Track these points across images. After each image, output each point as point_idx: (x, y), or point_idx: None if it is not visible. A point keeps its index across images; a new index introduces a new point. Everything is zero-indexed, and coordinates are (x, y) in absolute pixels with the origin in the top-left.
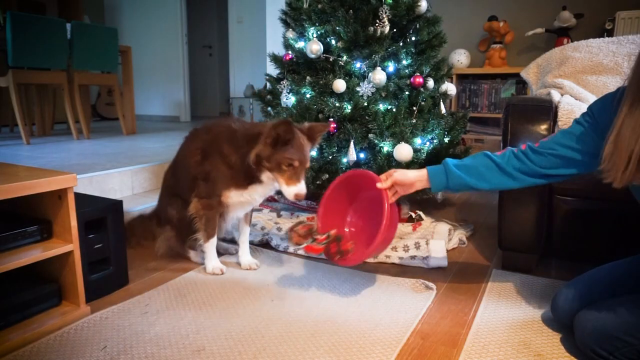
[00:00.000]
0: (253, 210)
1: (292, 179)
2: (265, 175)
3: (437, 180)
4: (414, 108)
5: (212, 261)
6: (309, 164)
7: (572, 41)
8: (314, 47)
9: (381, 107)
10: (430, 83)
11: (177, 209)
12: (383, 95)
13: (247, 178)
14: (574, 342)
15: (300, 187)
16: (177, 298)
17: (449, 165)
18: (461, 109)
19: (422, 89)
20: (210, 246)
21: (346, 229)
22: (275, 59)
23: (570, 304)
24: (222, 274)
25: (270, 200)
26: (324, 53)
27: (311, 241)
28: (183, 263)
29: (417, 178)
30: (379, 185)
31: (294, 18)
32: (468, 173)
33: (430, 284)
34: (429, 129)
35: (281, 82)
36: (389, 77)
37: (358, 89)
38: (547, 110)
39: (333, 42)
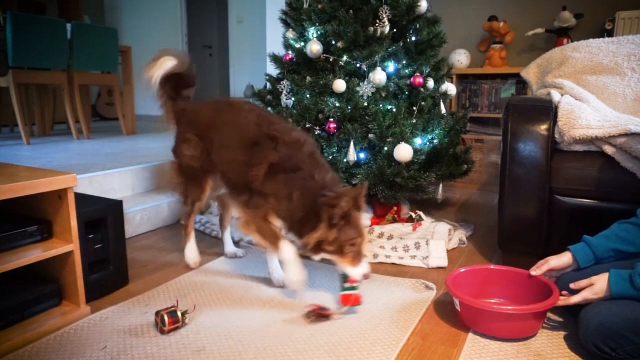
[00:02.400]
0: None
1: (356, 258)
2: (318, 256)
3: (583, 254)
4: (414, 108)
5: (294, 270)
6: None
7: (572, 41)
8: (314, 47)
9: (381, 107)
10: (430, 83)
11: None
12: (383, 95)
13: (294, 229)
14: (574, 342)
15: (366, 266)
16: (177, 298)
17: (588, 239)
18: (461, 109)
19: (422, 89)
20: (288, 253)
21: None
22: (275, 59)
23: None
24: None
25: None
26: (324, 53)
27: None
28: (183, 263)
29: (567, 259)
30: (533, 273)
31: (294, 18)
32: (608, 239)
33: (430, 284)
34: (429, 129)
35: (281, 82)
36: (389, 77)
37: (358, 89)
38: (547, 110)
39: (333, 42)
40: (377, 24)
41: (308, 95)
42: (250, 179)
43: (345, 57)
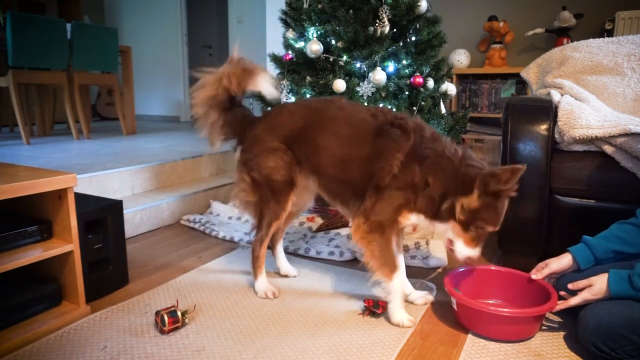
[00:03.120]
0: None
1: (474, 241)
2: (443, 224)
3: (583, 256)
4: (414, 108)
5: (399, 311)
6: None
7: (572, 41)
8: (314, 47)
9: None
10: (430, 83)
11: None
12: (383, 95)
13: (431, 211)
14: (573, 342)
15: (477, 253)
16: (177, 298)
17: (587, 240)
18: (461, 109)
19: (422, 89)
20: (397, 286)
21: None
22: (275, 59)
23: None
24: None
25: None
26: (324, 53)
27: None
28: (183, 263)
29: (568, 261)
30: (534, 276)
31: (294, 18)
32: (608, 240)
33: (430, 284)
34: None
35: (281, 82)
36: (389, 77)
37: (358, 89)
38: (547, 110)
39: (333, 42)
40: (377, 24)
41: (308, 95)
42: (379, 175)
43: (345, 57)
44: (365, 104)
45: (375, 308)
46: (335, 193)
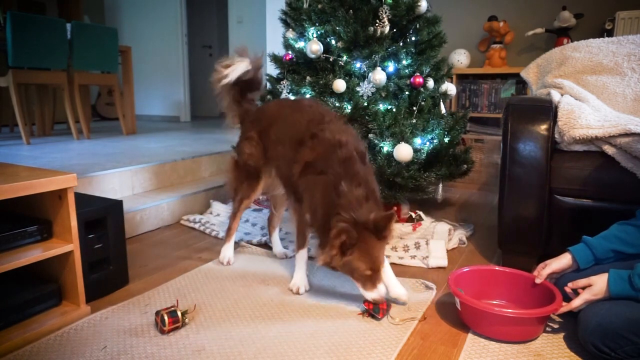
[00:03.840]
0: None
1: (367, 284)
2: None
3: (583, 255)
4: (414, 108)
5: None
6: (383, 264)
7: (572, 41)
8: (314, 47)
9: (381, 107)
10: (430, 83)
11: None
12: (383, 95)
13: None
14: (573, 342)
15: (380, 292)
16: (177, 298)
17: (587, 239)
18: (461, 109)
19: (422, 89)
20: (299, 260)
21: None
22: (275, 59)
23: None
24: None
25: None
26: (324, 53)
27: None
28: (183, 263)
29: (567, 261)
30: (538, 281)
31: (294, 18)
32: (608, 240)
33: (430, 284)
34: (429, 129)
35: (281, 82)
36: (389, 77)
37: (358, 89)
38: (547, 110)
39: (333, 42)
40: (377, 24)
41: (308, 95)
42: (292, 175)
43: (345, 57)
44: (365, 104)
45: (376, 312)
46: (282, 182)
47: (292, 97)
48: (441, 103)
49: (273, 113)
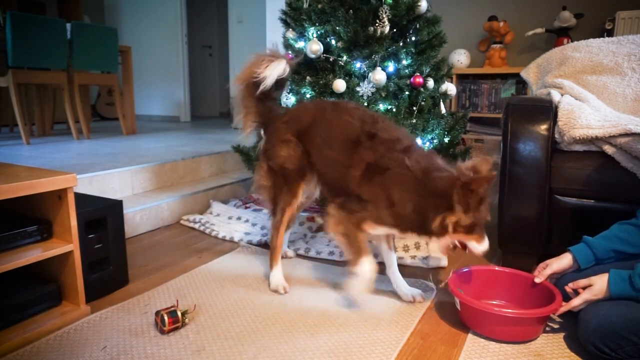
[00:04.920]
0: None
1: (480, 234)
2: (442, 237)
3: (583, 255)
4: (414, 108)
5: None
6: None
7: (572, 41)
8: (314, 47)
9: (381, 107)
10: (430, 83)
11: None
12: (383, 95)
13: (410, 227)
14: (573, 342)
15: (487, 241)
16: (177, 298)
17: (588, 239)
18: (461, 109)
19: (422, 89)
20: (366, 271)
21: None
22: None
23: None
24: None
25: None
26: (324, 53)
27: None
28: (183, 263)
29: (568, 261)
30: (537, 280)
31: (294, 18)
32: (608, 240)
33: (430, 284)
34: (429, 129)
35: None
36: (389, 77)
37: (358, 89)
38: (547, 110)
39: (333, 42)
40: (377, 24)
41: (308, 95)
42: (348, 181)
43: (345, 57)
44: (365, 104)
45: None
46: (327, 188)
47: (291, 98)
48: (441, 103)
49: (314, 115)
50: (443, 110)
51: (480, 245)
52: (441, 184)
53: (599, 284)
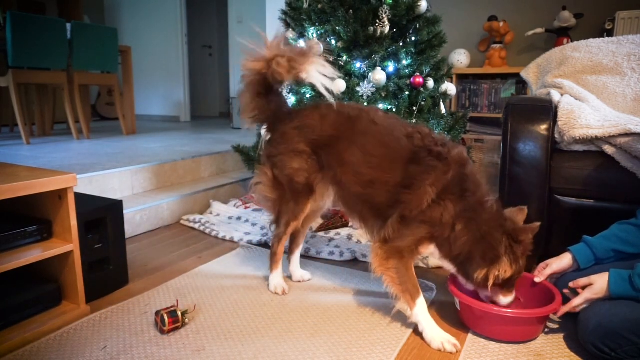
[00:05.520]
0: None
1: (511, 288)
2: (478, 288)
3: (583, 255)
4: (414, 108)
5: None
6: None
7: (572, 41)
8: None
9: (381, 107)
10: (430, 83)
11: None
12: (383, 95)
13: (455, 259)
14: (573, 342)
15: (513, 295)
16: (177, 298)
17: (588, 239)
18: (461, 109)
19: (422, 89)
20: (423, 313)
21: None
22: None
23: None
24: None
25: None
26: (324, 53)
27: None
28: (183, 263)
29: (568, 261)
30: (537, 280)
31: (294, 18)
32: (608, 240)
33: (430, 284)
34: None
35: None
36: (389, 77)
37: (358, 89)
38: (547, 110)
39: (333, 42)
40: (377, 24)
41: (308, 95)
42: (406, 205)
43: (345, 57)
44: (365, 104)
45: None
46: (354, 209)
47: (291, 98)
48: (441, 103)
49: (337, 125)
50: (443, 110)
51: (506, 298)
52: (498, 234)
53: (599, 283)
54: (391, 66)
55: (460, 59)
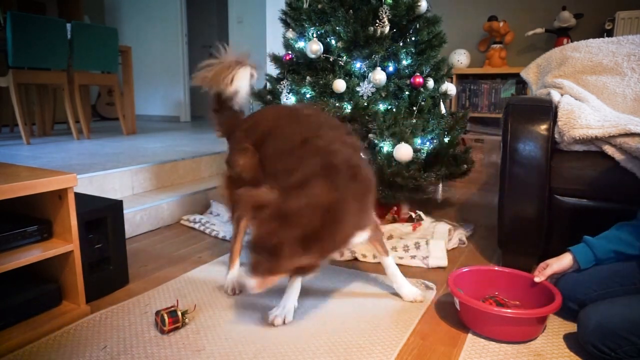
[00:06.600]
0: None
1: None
2: None
3: (583, 255)
4: (414, 108)
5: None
6: None
7: (572, 41)
8: (314, 47)
9: (381, 107)
10: (430, 83)
11: None
12: (383, 95)
13: None
14: (573, 342)
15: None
16: (177, 298)
17: (588, 239)
18: (461, 109)
19: (422, 89)
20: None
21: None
22: (275, 59)
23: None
24: None
25: None
26: (324, 53)
27: None
28: (183, 263)
29: (568, 261)
30: (537, 279)
31: (294, 18)
32: (609, 240)
33: (430, 284)
34: (429, 129)
35: (281, 82)
36: (389, 77)
37: (358, 89)
38: (547, 110)
39: (333, 42)
40: (377, 24)
41: (308, 96)
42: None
43: (345, 57)
44: (365, 104)
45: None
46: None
47: (291, 98)
48: (441, 103)
49: (269, 123)
50: (443, 110)
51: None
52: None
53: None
54: (391, 66)
55: (460, 59)
